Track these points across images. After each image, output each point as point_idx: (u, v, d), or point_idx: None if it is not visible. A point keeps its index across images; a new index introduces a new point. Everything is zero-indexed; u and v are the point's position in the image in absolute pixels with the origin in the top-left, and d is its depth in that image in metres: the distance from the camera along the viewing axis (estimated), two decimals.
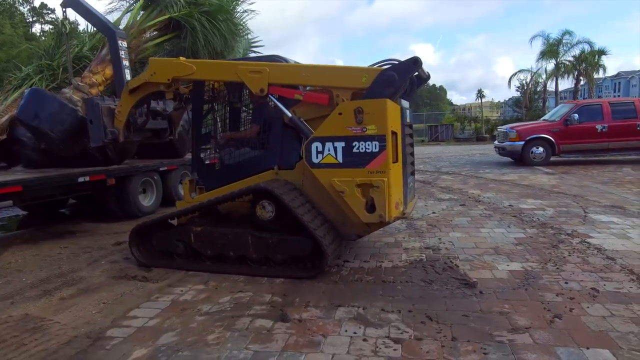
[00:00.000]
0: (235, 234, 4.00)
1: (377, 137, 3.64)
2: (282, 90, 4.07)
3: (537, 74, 27.97)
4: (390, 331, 2.84)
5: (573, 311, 3.03)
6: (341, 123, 3.73)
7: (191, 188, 4.65)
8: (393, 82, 3.70)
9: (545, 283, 3.57)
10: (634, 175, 9.70)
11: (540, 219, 5.77)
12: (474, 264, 4.11)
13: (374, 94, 3.71)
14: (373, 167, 3.65)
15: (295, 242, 3.84)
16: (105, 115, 4.88)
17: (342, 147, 3.74)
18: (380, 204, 3.64)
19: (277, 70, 4.09)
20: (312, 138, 3.83)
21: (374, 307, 3.21)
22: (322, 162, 3.80)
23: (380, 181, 3.62)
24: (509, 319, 2.96)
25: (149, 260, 4.33)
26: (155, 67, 4.44)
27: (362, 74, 3.81)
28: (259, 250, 3.94)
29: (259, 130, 4.32)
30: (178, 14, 7.84)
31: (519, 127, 12.52)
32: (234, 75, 4.15)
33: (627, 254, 4.22)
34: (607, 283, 3.51)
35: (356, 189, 3.70)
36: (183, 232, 4.21)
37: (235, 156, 4.39)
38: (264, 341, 2.76)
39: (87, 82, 6.78)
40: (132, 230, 4.38)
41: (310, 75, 4.03)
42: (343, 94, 3.84)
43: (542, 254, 4.30)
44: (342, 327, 2.91)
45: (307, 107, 4.04)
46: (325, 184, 3.80)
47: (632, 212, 5.96)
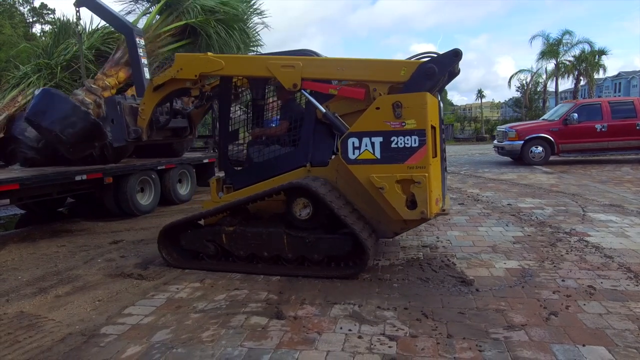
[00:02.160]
0: (269, 234, 3.88)
1: (417, 132, 3.54)
2: (316, 85, 3.95)
3: (537, 74, 28.04)
4: (386, 328, 2.82)
5: (569, 308, 3.02)
6: (379, 118, 3.63)
7: (218, 187, 4.52)
8: (433, 75, 3.61)
9: (542, 281, 3.55)
10: (632, 174, 9.69)
11: (539, 218, 5.75)
12: (471, 262, 4.09)
13: (413, 88, 3.62)
14: (413, 163, 3.56)
15: (334, 241, 3.74)
16: (127, 114, 4.78)
17: (380, 142, 3.64)
18: (422, 200, 3.55)
19: (311, 64, 3.98)
20: (349, 133, 3.72)
21: (369, 305, 3.19)
22: (359, 158, 3.70)
23: (421, 176, 3.52)
24: (505, 316, 2.95)
25: (178, 262, 4.22)
26: (182, 63, 4.30)
27: (400, 67, 3.72)
28: (294, 250, 3.85)
29: (288, 126, 4.22)
30: (195, 21, 7.78)
31: (518, 127, 12.50)
32: (265, 70, 4.03)
33: (624, 252, 4.21)
34: (604, 281, 3.50)
35: (396, 185, 3.59)
36: (214, 233, 4.08)
37: (264, 154, 4.29)
38: (258, 338, 2.75)
39: (100, 84, 6.69)
40: (160, 231, 4.26)
41: (346, 69, 3.92)
42: (380, 88, 3.74)
43: (540, 252, 4.29)
44: (338, 325, 2.90)
45: (342, 102, 3.94)
46: (362, 181, 3.70)
47: (631, 211, 5.94)
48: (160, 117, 4.97)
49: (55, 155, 6.12)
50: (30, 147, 6.14)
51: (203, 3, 7.96)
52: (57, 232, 5.91)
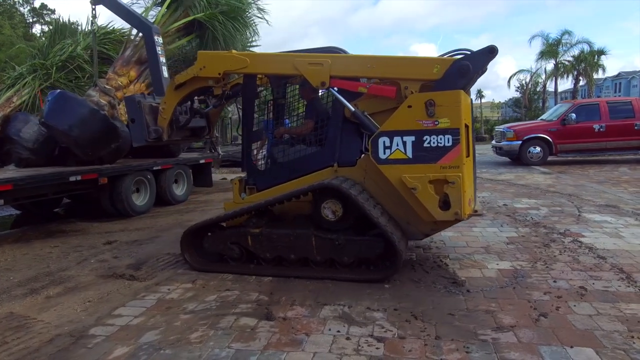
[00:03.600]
0: (297, 236, 3.78)
1: (451, 131, 3.46)
2: (345, 83, 3.86)
3: (536, 75, 27.99)
4: (374, 330, 2.82)
5: (560, 310, 3.01)
6: (411, 116, 3.55)
7: (240, 188, 4.38)
8: (467, 72, 3.52)
9: (533, 282, 3.54)
10: (630, 174, 9.67)
11: (534, 218, 5.74)
12: (464, 262, 4.08)
13: (446, 86, 3.53)
14: (446, 162, 3.48)
15: (365, 243, 3.65)
16: (147, 114, 4.64)
17: (412, 141, 3.56)
18: (456, 201, 3.46)
19: (340, 61, 3.89)
20: (379, 133, 3.63)
21: (359, 306, 3.19)
22: (390, 157, 3.61)
23: (456, 177, 3.44)
24: (494, 317, 2.94)
25: (202, 265, 4.12)
26: (205, 61, 4.20)
27: (433, 64, 3.64)
28: (323, 252, 3.75)
29: (314, 125, 4.13)
30: (202, 15, 7.74)
31: (516, 127, 12.49)
32: (292, 68, 3.94)
33: (618, 252, 4.20)
34: (596, 282, 3.49)
35: (429, 185, 3.51)
36: (238, 235, 3.96)
37: (289, 154, 4.18)
38: (246, 339, 2.74)
39: (113, 84, 6.67)
40: (184, 233, 4.16)
41: (376, 67, 3.80)
42: (412, 86, 3.65)
43: (533, 253, 4.28)
44: (326, 326, 2.89)
45: (371, 101, 3.84)
46: (394, 181, 3.61)
47: (626, 212, 5.93)
48: (180, 117, 4.83)
49: (51, 155, 6.12)
50: (25, 148, 6.14)
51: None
52: (51, 232, 5.90)
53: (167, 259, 4.55)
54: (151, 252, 4.79)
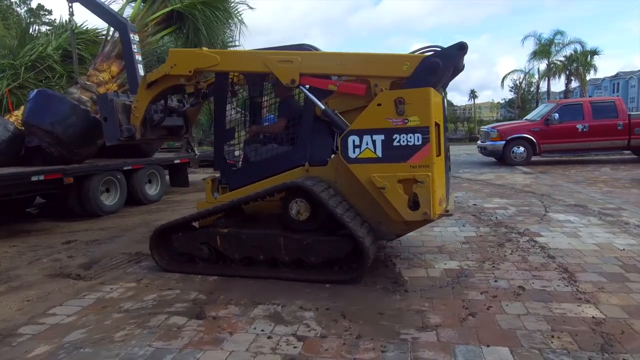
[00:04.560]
0: (265, 236, 3.76)
1: (420, 129, 3.40)
2: (315, 81, 3.79)
3: (530, 75, 27.95)
4: (299, 329, 2.81)
5: (490, 309, 3.00)
6: (380, 114, 3.48)
7: (213, 187, 4.37)
8: (437, 69, 3.47)
9: (474, 281, 3.54)
10: (610, 174, 9.65)
11: (498, 218, 5.73)
12: (413, 262, 4.08)
13: (416, 83, 3.48)
14: (415, 162, 3.42)
15: (332, 243, 3.59)
16: (120, 112, 4.60)
17: (381, 140, 3.49)
18: (425, 201, 3.41)
19: (310, 59, 3.84)
20: (349, 131, 3.57)
21: (293, 305, 3.18)
22: (359, 156, 3.55)
23: (424, 176, 3.38)
24: (423, 317, 2.93)
25: (171, 266, 4.07)
26: (176, 59, 4.16)
27: (403, 61, 3.58)
28: (291, 253, 3.70)
29: (286, 124, 4.10)
30: (180, 5, 7.69)
31: (500, 127, 12.48)
32: (262, 65, 3.89)
33: (569, 252, 4.19)
34: (537, 281, 3.48)
35: (398, 185, 3.45)
36: (208, 235, 3.93)
37: (261, 153, 4.17)
38: (169, 338, 2.75)
39: (94, 80, 6.65)
40: (152, 233, 4.11)
41: (346, 64, 3.76)
42: (382, 84, 3.59)
43: (484, 253, 4.27)
44: (253, 325, 2.89)
45: (342, 99, 3.79)
46: (363, 180, 3.55)
47: (592, 211, 5.92)
48: (154, 115, 4.79)
49: (17, 156, 6.12)
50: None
51: None
52: (15, 232, 5.91)
53: (121, 258, 4.55)
54: (107, 252, 4.80)
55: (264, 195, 3.80)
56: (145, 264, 4.35)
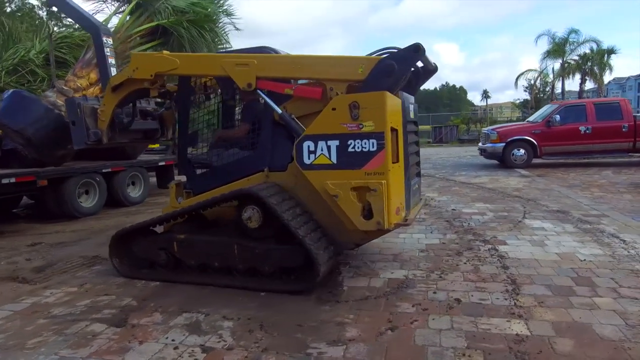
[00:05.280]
0: (219, 243, 3.70)
1: (375, 135, 3.28)
2: (272, 85, 3.73)
3: (544, 74, 27.18)
4: (210, 340, 2.77)
5: (414, 323, 2.89)
6: (335, 119, 3.37)
7: (178, 192, 4.33)
8: (392, 72, 3.34)
9: (413, 293, 3.42)
10: (609, 178, 9.29)
11: (471, 224, 5.57)
12: (361, 271, 3.98)
13: (371, 86, 3.36)
14: (370, 168, 3.30)
15: (284, 252, 3.48)
16: (88, 116, 4.61)
17: (336, 146, 3.39)
18: (378, 210, 3.28)
19: (266, 62, 3.75)
20: (304, 137, 3.49)
21: (218, 314, 3.14)
22: (314, 163, 3.46)
23: (378, 184, 3.26)
24: (342, 330, 2.84)
25: (130, 271, 4.02)
26: (138, 62, 4.14)
27: (358, 64, 3.46)
28: (245, 261, 3.61)
29: (249, 129, 4.03)
30: (166, 22, 7.83)
31: (500, 129, 12.17)
32: (220, 69, 3.82)
33: (526, 262, 4.02)
34: (478, 293, 3.34)
35: (351, 192, 3.33)
36: (166, 240, 3.89)
37: (224, 157, 4.10)
38: (79, 346, 2.73)
39: (72, 86, 6.75)
40: (112, 238, 4.06)
41: (302, 67, 3.69)
42: (337, 87, 3.50)
43: (438, 262, 4.14)
44: (167, 334, 2.85)
45: (300, 103, 3.70)
46: (318, 188, 3.45)
47: (572, 218, 5.69)
48: (124, 119, 4.78)
49: None
50: None
51: (174, 4, 7.99)
52: None
53: (77, 261, 4.59)
54: (67, 255, 4.84)
55: (215, 202, 3.76)
56: (97, 268, 4.38)
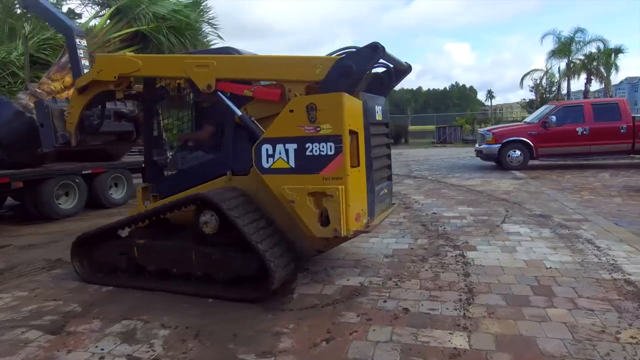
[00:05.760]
0: (178, 248, 3.63)
1: (333, 138, 3.16)
2: (231, 86, 3.65)
3: (551, 74, 26.73)
4: (140, 349, 2.70)
5: (353, 335, 2.79)
6: (293, 122, 3.27)
7: (145, 196, 4.30)
8: (349, 73, 3.23)
9: (363, 301, 3.31)
10: (604, 181, 9.05)
11: (446, 229, 5.43)
12: (318, 277, 3.88)
13: (328, 88, 3.24)
14: (328, 173, 3.19)
15: (240, 259, 3.38)
16: (56, 118, 4.64)
17: (294, 149, 3.29)
18: (335, 216, 3.15)
19: (225, 63, 3.67)
20: (262, 140, 3.40)
21: (157, 321, 3.07)
22: (272, 167, 3.37)
23: (334, 189, 3.13)
24: (277, 340, 2.76)
25: (91, 276, 3.96)
26: (102, 64, 4.11)
27: (316, 64, 3.35)
28: (202, 267, 3.53)
29: (213, 131, 3.97)
30: (146, 28, 7.85)
31: (496, 130, 11.96)
32: (181, 70, 3.77)
33: (490, 269, 3.89)
34: (429, 303, 3.23)
35: (308, 198, 3.22)
36: (127, 245, 3.84)
37: (189, 161, 4.05)
38: (7, 354, 2.69)
39: (45, 89, 6.78)
40: (73, 242, 4.00)
41: (260, 68, 3.65)
42: (296, 89, 3.40)
43: (400, 268, 4.02)
44: (98, 343, 2.80)
45: (260, 105, 3.61)
46: (276, 192, 3.37)
47: (551, 223, 5.52)
48: (95, 121, 4.75)
49: None
50: None
51: (155, 10, 8.02)
52: None
53: (39, 265, 4.57)
54: (31, 258, 4.82)
55: (170, 208, 3.70)
56: (57, 271, 4.35)
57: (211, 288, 3.54)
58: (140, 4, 7.53)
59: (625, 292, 3.30)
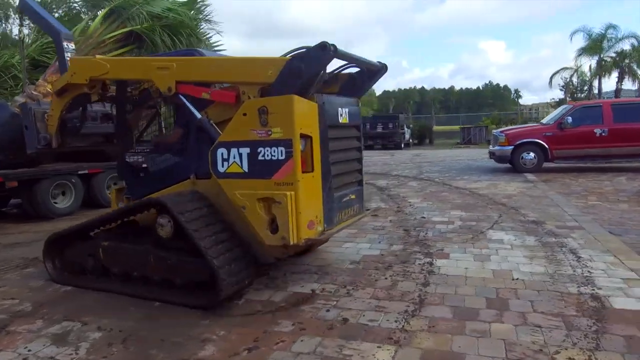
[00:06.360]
0: (137, 251, 3.63)
1: (283, 142, 3.10)
2: (191, 89, 3.62)
3: (581, 73, 25.54)
4: (64, 352, 2.71)
5: (278, 344, 2.72)
6: (246, 125, 3.23)
7: (118, 197, 4.38)
8: (299, 74, 3.14)
9: (306, 309, 3.22)
10: (618, 185, 8.56)
11: (428, 234, 5.24)
12: (273, 283, 3.80)
13: (280, 90, 3.16)
14: (279, 178, 3.13)
15: (192, 264, 3.33)
16: (39, 121, 4.79)
17: (247, 153, 3.25)
18: (283, 224, 3.07)
19: (185, 65, 3.66)
20: (217, 143, 3.37)
21: (95, 324, 3.09)
22: (227, 171, 3.33)
23: (282, 195, 3.06)
24: (201, 348, 2.72)
25: (60, 276, 4.01)
26: (75, 67, 4.18)
27: (268, 66, 3.28)
28: (159, 271, 3.51)
29: (180, 134, 3.96)
30: (139, 27, 8.03)
31: (509, 131, 11.53)
32: (144, 73, 3.81)
33: (453, 280, 3.71)
34: (372, 313, 3.11)
35: (258, 204, 3.17)
36: (94, 246, 3.88)
37: (158, 163, 4.05)
38: None
39: (42, 90, 7.05)
40: (45, 242, 4.09)
41: (216, 70, 3.60)
42: (249, 91, 3.33)
43: (360, 276, 3.90)
44: (29, 343, 2.83)
45: (219, 108, 3.58)
46: (230, 197, 3.32)
47: (541, 230, 5.24)
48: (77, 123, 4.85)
49: None
50: None
51: (149, 9, 8.16)
52: None
53: (15, 263, 4.69)
54: (10, 256, 4.96)
55: (127, 212, 3.75)
56: (28, 270, 4.46)
57: (168, 293, 3.50)
58: (134, 3, 7.67)
59: (585, 308, 3.07)
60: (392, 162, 15.96)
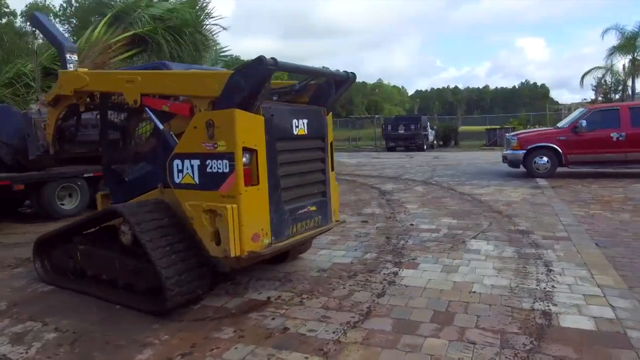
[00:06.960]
0: (106, 256, 3.82)
1: (227, 155, 3.19)
2: (154, 101, 3.81)
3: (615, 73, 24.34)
4: (17, 351, 2.90)
5: (212, 351, 2.82)
6: (196, 138, 3.34)
7: (104, 203, 4.55)
8: (239, 88, 3.21)
9: (252, 317, 3.31)
10: (630, 193, 8.19)
11: (408, 243, 5.22)
12: (233, 289, 3.89)
13: (223, 104, 3.27)
14: (225, 191, 3.21)
15: (149, 272, 3.40)
16: (39, 129, 5.17)
17: (197, 165, 3.36)
18: (224, 236, 3.13)
19: (148, 79, 3.90)
20: (173, 155, 3.51)
21: (55, 325, 3.28)
22: (182, 182, 3.46)
23: (223, 208, 3.13)
24: (139, 352, 2.85)
25: (49, 277, 4.21)
26: (61, 80, 4.44)
27: (214, 80, 3.42)
28: (122, 276, 3.70)
29: (153, 144, 4.17)
30: (142, 30, 8.38)
31: (521, 135, 11.21)
32: (116, 85, 4.03)
33: (410, 291, 3.70)
34: (314, 324, 3.15)
35: (204, 215, 3.24)
36: (73, 249, 4.08)
37: (135, 171, 4.22)
38: None
39: None
40: (34, 243, 4.31)
41: (172, 84, 3.76)
42: (200, 104, 3.45)
43: (319, 284, 3.95)
44: None
45: (180, 120, 3.71)
46: (183, 208, 3.44)
47: (525, 241, 5.12)
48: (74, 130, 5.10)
49: None
50: None
51: (151, 12, 8.45)
52: None
53: (7, 263, 5.00)
54: (5, 256, 5.26)
55: (92, 220, 3.96)
56: (18, 270, 4.74)
57: (128, 297, 3.66)
58: (136, 8, 7.97)
59: (530, 325, 3.01)
60: (407, 165, 15.80)
